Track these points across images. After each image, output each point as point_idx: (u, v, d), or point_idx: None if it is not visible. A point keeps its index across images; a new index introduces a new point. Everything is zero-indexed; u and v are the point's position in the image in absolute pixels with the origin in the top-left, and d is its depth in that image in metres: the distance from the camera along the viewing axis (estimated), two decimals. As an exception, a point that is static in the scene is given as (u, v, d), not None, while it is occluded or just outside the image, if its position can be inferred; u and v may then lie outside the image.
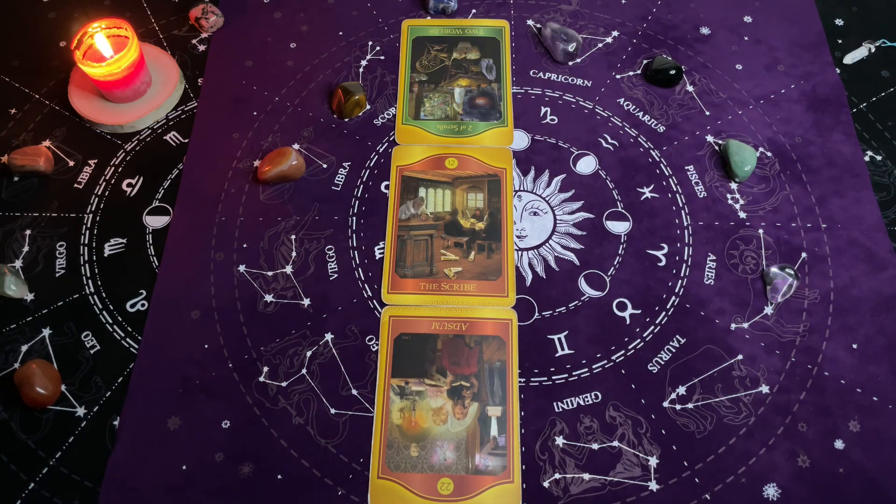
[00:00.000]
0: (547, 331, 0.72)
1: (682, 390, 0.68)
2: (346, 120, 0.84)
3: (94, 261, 0.75)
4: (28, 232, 0.77)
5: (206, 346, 0.70)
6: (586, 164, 0.81)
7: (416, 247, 0.76)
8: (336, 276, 0.75)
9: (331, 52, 0.90)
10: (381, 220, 0.78)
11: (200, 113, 0.85)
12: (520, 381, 0.69)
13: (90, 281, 0.74)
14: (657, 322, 0.72)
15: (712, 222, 0.78)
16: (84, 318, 0.72)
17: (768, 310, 0.73)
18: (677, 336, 0.71)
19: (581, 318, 0.72)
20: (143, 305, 0.73)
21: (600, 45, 0.90)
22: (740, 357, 0.70)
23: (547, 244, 0.76)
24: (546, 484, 0.64)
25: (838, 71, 0.88)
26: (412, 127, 0.84)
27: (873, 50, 0.90)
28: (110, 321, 0.72)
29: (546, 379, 0.69)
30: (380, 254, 0.76)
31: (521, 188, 0.80)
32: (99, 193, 0.80)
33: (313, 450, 0.66)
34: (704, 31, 0.91)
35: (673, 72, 0.85)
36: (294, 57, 0.89)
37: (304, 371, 0.69)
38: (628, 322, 0.72)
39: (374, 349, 0.70)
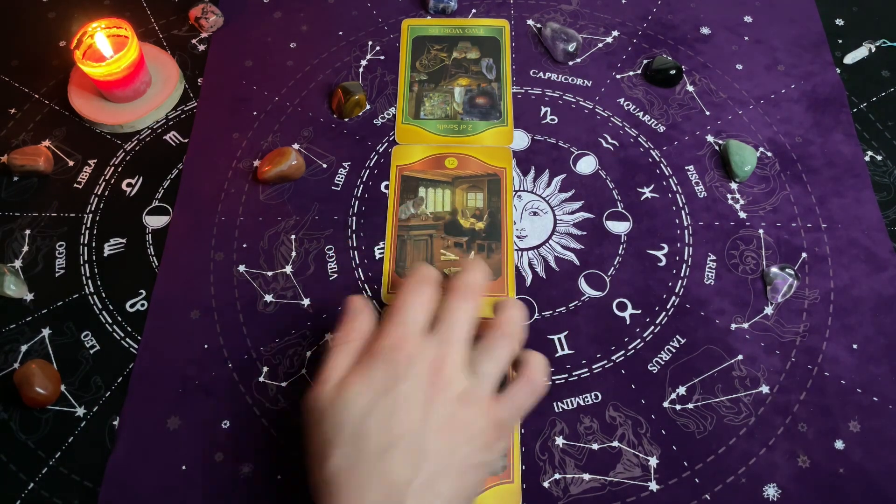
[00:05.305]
0: (547, 331, 0.71)
1: (682, 390, 0.68)
2: (346, 120, 0.84)
3: (94, 261, 0.75)
4: (28, 232, 0.77)
5: (206, 346, 0.70)
6: (586, 164, 0.81)
7: (415, 247, 0.76)
8: (336, 276, 0.75)
9: (331, 52, 0.90)
10: (381, 220, 0.78)
11: (200, 113, 0.85)
12: (520, 381, 0.69)
13: (90, 281, 0.74)
14: (657, 322, 0.72)
15: (712, 222, 0.77)
16: (84, 318, 0.72)
17: (768, 310, 0.73)
18: (677, 336, 0.71)
19: (581, 318, 0.72)
20: (142, 305, 0.73)
21: (600, 45, 0.90)
22: (740, 357, 0.70)
23: (547, 244, 0.76)
24: (546, 484, 0.64)
25: (838, 71, 0.88)
26: (412, 126, 0.84)
27: (873, 50, 0.90)
28: (110, 321, 0.72)
29: (546, 379, 0.69)
30: (380, 254, 0.76)
31: (521, 188, 0.80)
32: (99, 193, 0.80)
33: (313, 450, 0.66)
34: (704, 31, 0.91)
35: (673, 72, 0.85)
36: (294, 57, 0.89)
37: (304, 371, 0.69)
38: (628, 322, 0.72)
39: (374, 349, 0.70)
